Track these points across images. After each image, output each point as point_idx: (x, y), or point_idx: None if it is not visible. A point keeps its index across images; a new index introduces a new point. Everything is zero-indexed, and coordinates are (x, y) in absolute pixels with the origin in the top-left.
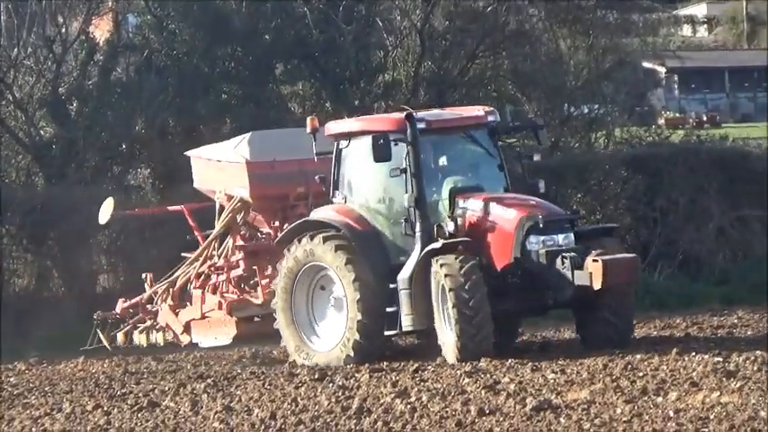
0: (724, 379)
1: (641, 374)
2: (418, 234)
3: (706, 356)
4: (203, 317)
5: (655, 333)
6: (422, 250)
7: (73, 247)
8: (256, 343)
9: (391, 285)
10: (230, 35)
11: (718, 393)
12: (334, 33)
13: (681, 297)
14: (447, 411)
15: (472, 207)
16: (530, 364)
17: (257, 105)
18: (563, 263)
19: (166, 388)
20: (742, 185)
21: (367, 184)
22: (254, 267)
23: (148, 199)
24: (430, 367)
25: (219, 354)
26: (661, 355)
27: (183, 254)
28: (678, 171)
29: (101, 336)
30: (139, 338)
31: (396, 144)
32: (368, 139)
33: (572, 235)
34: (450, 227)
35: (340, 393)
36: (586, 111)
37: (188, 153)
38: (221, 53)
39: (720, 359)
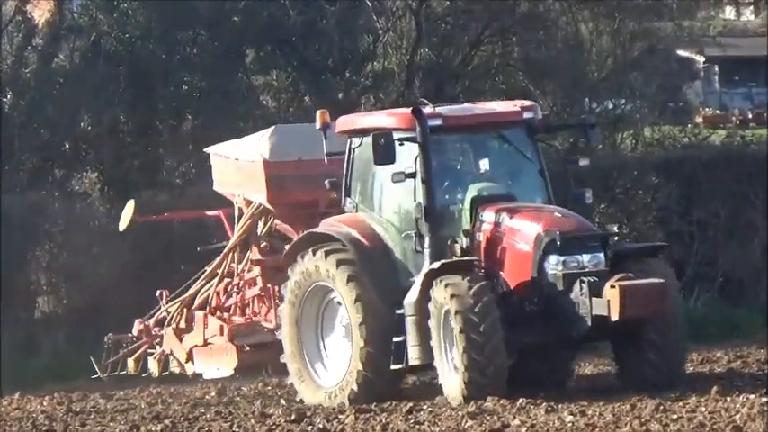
0: None
1: (675, 417)
2: (427, 251)
3: (752, 396)
4: (205, 343)
5: (691, 368)
6: None
7: (7, 263)
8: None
9: (398, 311)
10: (192, 16)
11: None
12: (314, 15)
13: (722, 326)
14: None
15: (488, 219)
16: (544, 404)
17: (224, 98)
18: (581, 288)
19: (117, 430)
20: None
21: (379, 191)
22: (269, 286)
23: (96, 208)
24: (426, 407)
25: (179, 391)
26: (699, 394)
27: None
28: (719, 178)
29: (93, 363)
30: (154, 366)
31: (401, 144)
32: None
33: (601, 255)
34: (464, 242)
35: None
36: (611, 106)
37: (207, 150)
38: (182, 37)
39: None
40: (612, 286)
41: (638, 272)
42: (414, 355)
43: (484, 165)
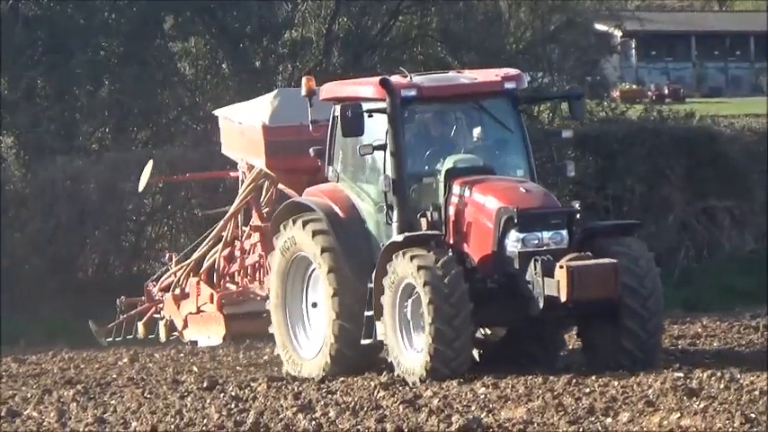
0: (685, 398)
1: (588, 391)
2: (395, 224)
3: (664, 371)
4: (198, 311)
5: None
6: None
7: None
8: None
9: (369, 285)
10: None
11: (678, 415)
12: None
13: None
14: (358, 429)
15: (456, 192)
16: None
17: (141, 65)
18: (535, 267)
19: (29, 395)
20: (709, 172)
21: (358, 161)
22: (263, 252)
23: (11, 173)
24: (339, 377)
25: (92, 356)
26: (611, 368)
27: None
28: (635, 153)
29: (91, 326)
30: (162, 331)
31: (370, 116)
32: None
33: (564, 232)
34: (434, 216)
35: (233, 405)
36: (528, 79)
37: (216, 112)
38: (99, 2)
39: (681, 375)
40: (561, 266)
41: (609, 250)
42: (381, 331)
43: (443, 136)
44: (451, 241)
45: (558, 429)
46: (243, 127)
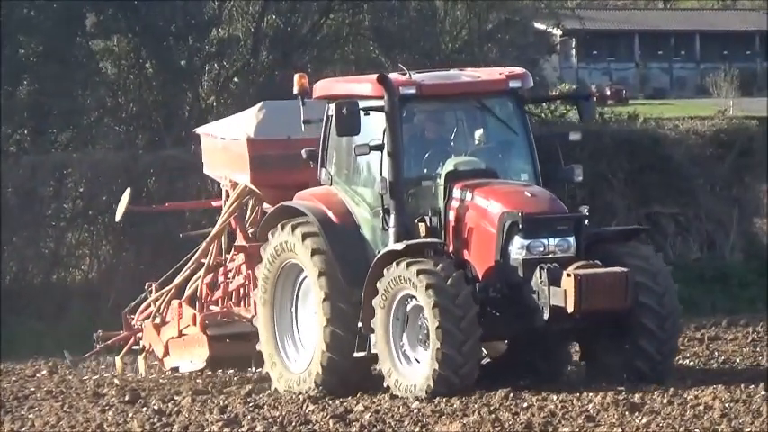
0: (626, 413)
1: (525, 406)
2: (392, 230)
3: (605, 385)
4: (180, 334)
5: None
6: None
7: None
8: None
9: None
10: None
11: (620, 431)
12: None
13: None
14: None
15: (456, 196)
16: (389, 389)
17: (62, 64)
18: (540, 276)
19: None
20: (653, 177)
21: (353, 163)
22: (250, 272)
23: None
24: (267, 390)
25: (9, 368)
26: (550, 382)
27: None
28: (575, 157)
29: (66, 356)
30: (142, 365)
31: (367, 114)
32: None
33: (571, 239)
34: (433, 221)
35: (155, 420)
36: None
37: (197, 130)
38: None
39: (623, 389)
40: (569, 274)
41: (620, 259)
42: (375, 343)
43: (444, 137)
44: (451, 248)
45: None
46: (226, 142)
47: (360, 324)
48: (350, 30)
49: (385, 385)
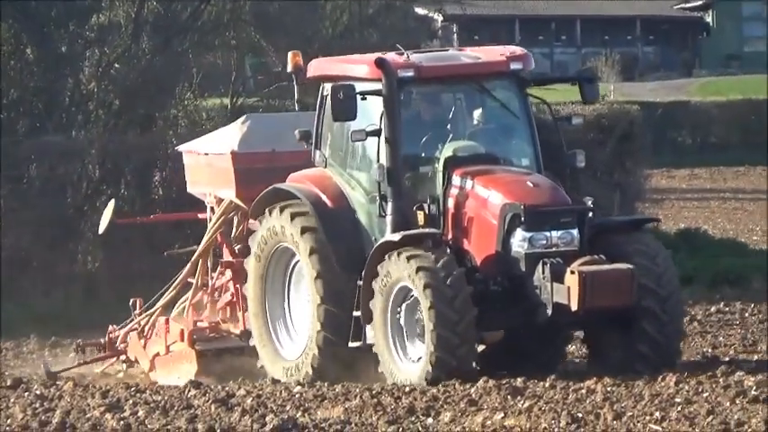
0: (509, 397)
1: (407, 390)
2: (389, 217)
3: (487, 372)
4: (167, 350)
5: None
6: None
7: None
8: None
9: (359, 282)
10: None
11: (502, 415)
12: None
13: None
14: (168, 429)
15: (456, 184)
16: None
17: None
18: (543, 271)
19: None
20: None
21: (349, 146)
22: (237, 286)
23: None
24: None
25: None
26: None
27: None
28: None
29: (44, 369)
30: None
31: (364, 98)
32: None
33: (575, 232)
34: (431, 209)
35: (37, 405)
36: None
37: (179, 148)
38: None
39: (505, 373)
40: (573, 272)
41: (623, 249)
42: (371, 334)
43: (443, 120)
44: (450, 237)
45: (377, 429)
46: (209, 158)
47: (355, 313)
48: (230, 16)
49: (380, 371)
